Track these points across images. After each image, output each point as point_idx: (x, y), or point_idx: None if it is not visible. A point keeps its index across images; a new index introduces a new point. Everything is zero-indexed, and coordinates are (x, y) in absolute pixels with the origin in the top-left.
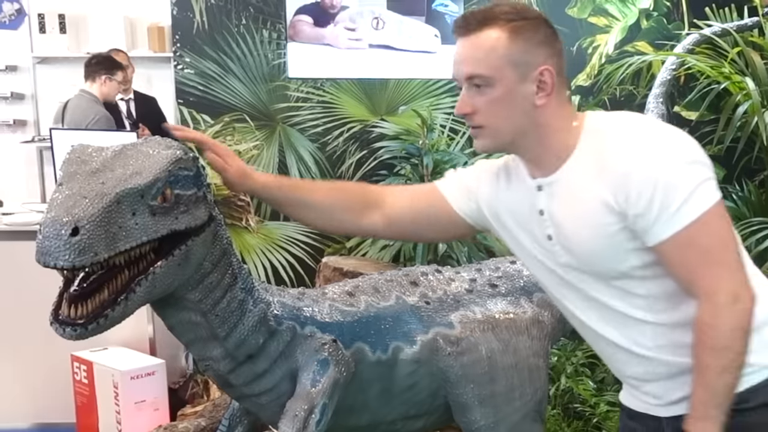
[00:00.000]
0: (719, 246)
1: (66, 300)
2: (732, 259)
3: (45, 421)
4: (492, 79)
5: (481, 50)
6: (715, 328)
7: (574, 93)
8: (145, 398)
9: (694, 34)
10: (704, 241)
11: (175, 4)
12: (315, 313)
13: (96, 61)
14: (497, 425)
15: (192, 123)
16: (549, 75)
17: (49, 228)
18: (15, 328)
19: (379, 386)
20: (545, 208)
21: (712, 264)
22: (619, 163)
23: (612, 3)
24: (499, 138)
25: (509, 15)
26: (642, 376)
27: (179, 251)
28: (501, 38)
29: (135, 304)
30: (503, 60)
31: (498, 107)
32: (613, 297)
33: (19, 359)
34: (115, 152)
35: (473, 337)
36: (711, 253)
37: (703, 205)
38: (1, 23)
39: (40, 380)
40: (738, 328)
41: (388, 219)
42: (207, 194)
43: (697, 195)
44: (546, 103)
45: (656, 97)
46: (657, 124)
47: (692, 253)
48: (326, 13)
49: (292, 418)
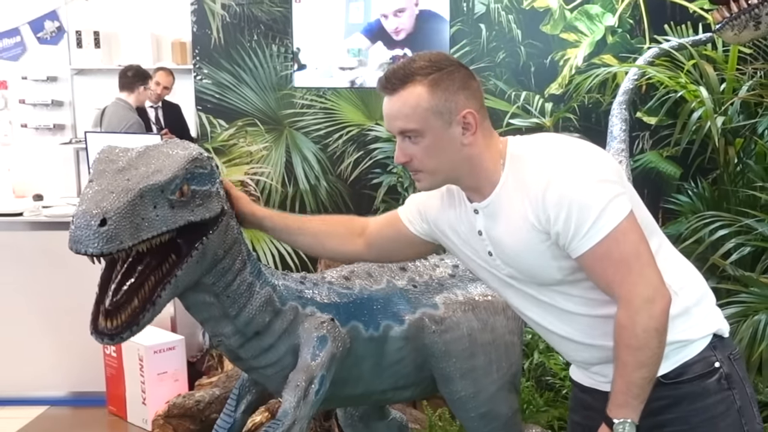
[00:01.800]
0: (632, 256)
1: (102, 314)
2: (644, 266)
3: (79, 390)
4: (421, 131)
5: (407, 107)
6: (630, 330)
7: (548, 101)
8: (167, 370)
9: (654, 48)
10: (617, 253)
11: (195, 22)
12: (315, 295)
13: (132, 73)
14: (477, 395)
15: (209, 127)
16: (471, 116)
17: (80, 219)
18: (53, 308)
19: (371, 360)
20: (483, 229)
21: (626, 273)
22: (537, 187)
23: (581, 20)
24: (437, 178)
25: (426, 69)
26: (587, 360)
27: (196, 251)
28: (422, 93)
29: (162, 306)
30: (428, 112)
31: (431, 153)
32: (553, 298)
33: (57, 336)
34: (138, 153)
35: (455, 316)
36: (625, 263)
37: (614, 220)
38: (43, 39)
39: (75, 354)
40: (651, 329)
41: (368, 244)
42: (219, 190)
43: (608, 211)
44: (473, 140)
45: (620, 104)
46: (570, 146)
47: (608, 264)
48: None
49: (294, 388)
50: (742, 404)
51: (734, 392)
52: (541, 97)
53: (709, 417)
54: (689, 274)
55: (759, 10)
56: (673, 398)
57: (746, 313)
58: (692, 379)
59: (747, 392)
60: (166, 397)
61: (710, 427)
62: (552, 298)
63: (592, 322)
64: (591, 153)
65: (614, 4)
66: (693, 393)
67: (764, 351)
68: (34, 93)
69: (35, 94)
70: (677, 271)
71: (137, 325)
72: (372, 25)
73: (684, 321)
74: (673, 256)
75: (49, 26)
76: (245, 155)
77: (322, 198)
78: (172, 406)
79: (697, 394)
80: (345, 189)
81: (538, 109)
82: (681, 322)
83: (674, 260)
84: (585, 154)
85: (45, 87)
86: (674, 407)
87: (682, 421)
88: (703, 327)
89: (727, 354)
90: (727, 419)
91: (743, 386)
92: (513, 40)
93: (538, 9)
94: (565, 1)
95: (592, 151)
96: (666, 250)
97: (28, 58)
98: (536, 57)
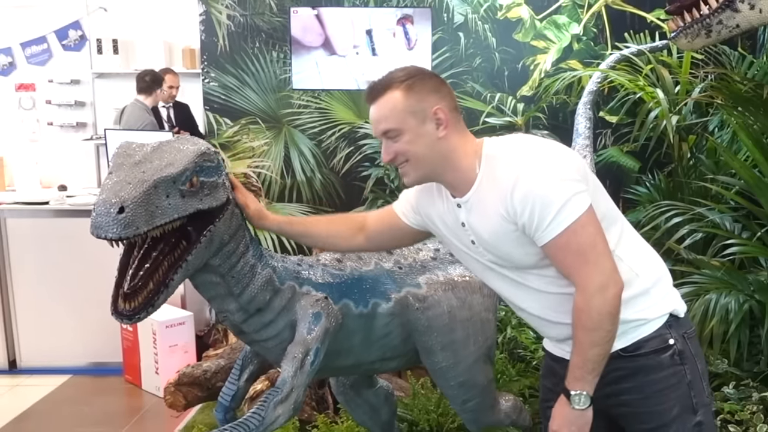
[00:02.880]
0: (588, 247)
1: (121, 297)
2: (599, 256)
3: (98, 360)
4: (400, 129)
5: (387, 109)
6: (586, 313)
7: (520, 101)
8: (177, 343)
9: (616, 54)
10: (575, 244)
11: (203, 30)
12: (310, 276)
13: (150, 78)
14: (456, 366)
15: (216, 125)
16: (442, 112)
17: (100, 207)
18: (76, 287)
19: (361, 334)
20: (465, 221)
21: (582, 262)
22: (506, 184)
23: (550, 29)
24: (419, 172)
25: (402, 77)
26: (557, 336)
27: (205, 237)
28: (399, 97)
29: (174, 288)
30: (404, 113)
31: (411, 146)
32: (528, 280)
33: (79, 312)
34: (153, 147)
35: (437, 295)
36: (582, 253)
37: (573, 215)
38: (68, 46)
39: (95, 329)
40: (605, 312)
41: (368, 238)
42: (225, 181)
43: (568, 207)
44: (447, 134)
45: (585, 105)
46: (539, 146)
47: (567, 253)
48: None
49: (292, 359)
50: (692, 378)
51: (685, 367)
52: (514, 98)
53: (661, 388)
54: (649, 258)
55: (710, 20)
56: (631, 370)
57: (698, 293)
58: (648, 354)
59: (698, 368)
60: (177, 367)
61: (661, 397)
62: (527, 280)
63: (561, 300)
64: (556, 153)
65: (579, 15)
66: (648, 366)
67: (715, 326)
68: (59, 94)
69: (60, 95)
70: (638, 255)
71: (152, 306)
72: None
73: (643, 301)
74: (634, 242)
75: (73, 35)
76: (248, 150)
77: (316, 189)
78: (182, 375)
79: (651, 367)
80: (337, 180)
81: (511, 109)
82: (641, 302)
83: (636, 246)
84: (551, 154)
85: (69, 89)
86: (631, 377)
87: (638, 390)
88: (661, 307)
89: (682, 332)
90: (678, 391)
91: (695, 362)
92: (488, 47)
93: (511, 19)
94: (535, 11)
95: (558, 151)
96: (628, 236)
97: (54, 64)
98: (509, 62)
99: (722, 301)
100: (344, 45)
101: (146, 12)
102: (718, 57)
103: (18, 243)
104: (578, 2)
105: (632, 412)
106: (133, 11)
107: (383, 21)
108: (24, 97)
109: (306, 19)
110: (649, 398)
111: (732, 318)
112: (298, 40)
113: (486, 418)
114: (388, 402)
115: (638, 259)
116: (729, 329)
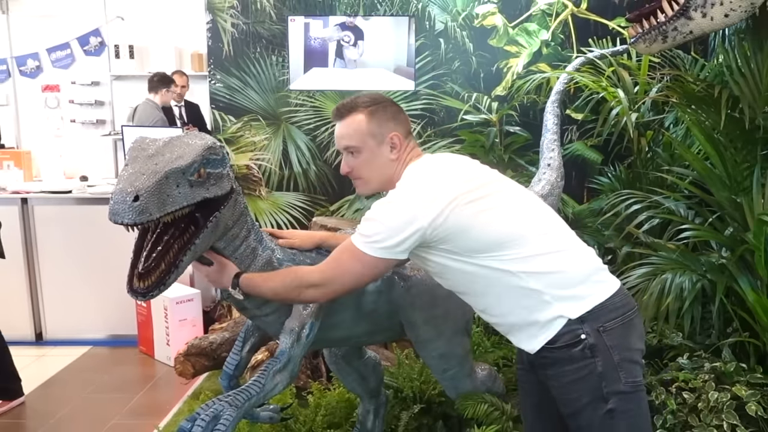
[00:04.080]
0: (342, 261)
1: (136, 276)
2: (337, 276)
3: (115, 333)
4: (360, 148)
5: (351, 129)
6: (295, 287)
7: (494, 100)
8: (186, 317)
9: (581, 57)
10: (342, 253)
11: (210, 37)
12: (305, 258)
13: (157, 79)
14: (437, 338)
15: (221, 122)
16: (397, 138)
17: (117, 195)
18: (95, 267)
19: (351, 310)
20: None
21: (330, 264)
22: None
23: (521, 36)
24: (370, 185)
25: (366, 103)
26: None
27: (211, 223)
28: (362, 120)
29: (184, 268)
30: (365, 134)
31: (367, 164)
32: (456, 282)
33: (98, 290)
34: (164, 142)
35: (419, 275)
36: (335, 259)
37: (358, 241)
38: (89, 52)
39: (112, 305)
40: (295, 297)
41: None
42: (230, 172)
43: (365, 235)
44: (397, 156)
45: (553, 103)
46: (419, 175)
47: (338, 249)
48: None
49: (290, 332)
50: (604, 370)
51: (596, 360)
52: (489, 98)
53: (573, 379)
54: (564, 263)
55: (666, 26)
56: (551, 360)
57: (655, 273)
58: (561, 348)
59: (614, 360)
60: (186, 339)
61: (573, 386)
62: (454, 280)
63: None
64: (428, 181)
65: (548, 23)
66: (561, 359)
67: (670, 303)
68: (81, 95)
69: (82, 95)
70: (551, 263)
71: (164, 284)
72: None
73: (557, 301)
74: (547, 253)
75: (93, 41)
76: (250, 144)
77: (311, 179)
78: (190, 347)
79: (565, 360)
80: (330, 171)
81: (486, 108)
82: (555, 302)
83: (548, 256)
84: (422, 183)
85: (89, 90)
86: (551, 367)
87: (555, 379)
88: (575, 306)
89: (597, 327)
90: (588, 382)
91: (609, 354)
92: (466, 52)
93: (486, 26)
94: (508, 20)
95: (431, 179)
96: (537, 249)
97: (77, 67)
98: (485, 65)
99: (677, 281)
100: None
101: (159, 20)
102: (673, 60)
103: (44, 228)
104: (547, 11)
105: (556, 397)
106: (147, 20)
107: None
108: (49, 97)
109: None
110: (563, 387)
111: (686, 296)
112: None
113: (464, 385)
114: (375, 371)
115: (545, 272)
116: (683, 306)
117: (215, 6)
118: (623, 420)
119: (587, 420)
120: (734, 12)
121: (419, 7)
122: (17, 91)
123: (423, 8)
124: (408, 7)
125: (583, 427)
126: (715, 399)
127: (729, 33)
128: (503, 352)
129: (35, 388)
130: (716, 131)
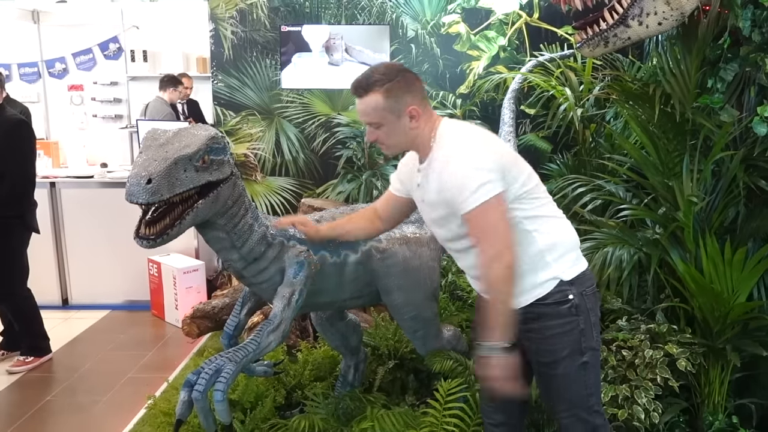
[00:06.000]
0: (489, 227)
1: (143, 224)
2: (497, 236)
3: (131, 299)
4: (380, 123)
5: (369, 108)
6: (483, 279)
7: (458, 98)
8: (192, 285)
9: (533, 60)
10: (479, 222)
11: (212, 43)
12: (295, 233)
13: (166, 79)
14: (408, 303)
15: (222, 116)
16: (415, 111)
17: (133, 179)
18: (114, 242)
19: (335, 278)
20: (419, 183)
21: (483, 238)
22: (440, 165)
23: (482, 41)
24: (394, 149)
25: (381, 81)
26: (478, 288)
27: (212, 194)
28: (379, 99)
29: (185, 227)
30: (384, 111)
31: (390, 135)
32: (459, 241)
33: (116, 262)
34: (174, 133)
35: (394, 248)
36: (483, 231)
37: (480, 200)
38: (108, 56)
39: (130, 274)
40: (495, 279)
41: (384, 221)
42: (230, 158)
43: (478, 193)
44: (417, 125)
45: (509, 100)
46: (469, 137)
47: (473, 227)
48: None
49: (282, 297)
50: (585, 327)
51: (579, 318)
52: (454, 95)
53: (557, 332)
54: (564, 230)
55: (607, 33)
56: (537, 314)
57: (598, 247)
58: (550, 304)
59: (591, 320)
60: (192, 304)
61: (557, 339)
62: (459, 241)
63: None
64: (480, 145)
65: (505, 30)
66: (549, 313)
67: (611, 273)
68: (102, 93)
69: (102, 94)
70: (551, 231)
71: (167, 235)
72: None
73: (555, 262)
74: (553, 216)
75: (112, 47)
76: (247, 136)
77: (300, 166)
78: (196, 311)
79: (552, 315)
80: (316, 159)
81: (452, 104)
82: (554, 263)
83: (553, 220)
84: (474, 145)
85: (109, 89)
86: (537, 320)
87: (539, 332)
88: (568, 270)
89: (581, 290)
90: (570, 336)
91: (588, 315)
92: (434, 56)
93: (451, 34)
94: (470, 28)
95: (482, 143)
96: (547, 211)
97: (98, 69)
98: (450, 67)
99: (617, 254)
100: (319, 54)
101: (169, 29)
102: (614, 62)
103: (70, 208)
104: (504, 20)
105: (535, 347)
106: (159, 28)
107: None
108: (74, 95)
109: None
110: (547, 339)
111: (624, 266)
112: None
113: (432, 344)
114: (355, 331)
115: (551, 235)
116: (622, 275)
117: (217, 16)
118: (591, 372)
119: (564, 369)
120: (666, 21)
121: (393, 17)
122: (47, 90)
123: (397, 18)
124: (384, 17)
125: (559, 375)
126: (650, 356)
127: (662, 39)
128: (466, 315)
129: (62, 347)
130: (651, 124)
